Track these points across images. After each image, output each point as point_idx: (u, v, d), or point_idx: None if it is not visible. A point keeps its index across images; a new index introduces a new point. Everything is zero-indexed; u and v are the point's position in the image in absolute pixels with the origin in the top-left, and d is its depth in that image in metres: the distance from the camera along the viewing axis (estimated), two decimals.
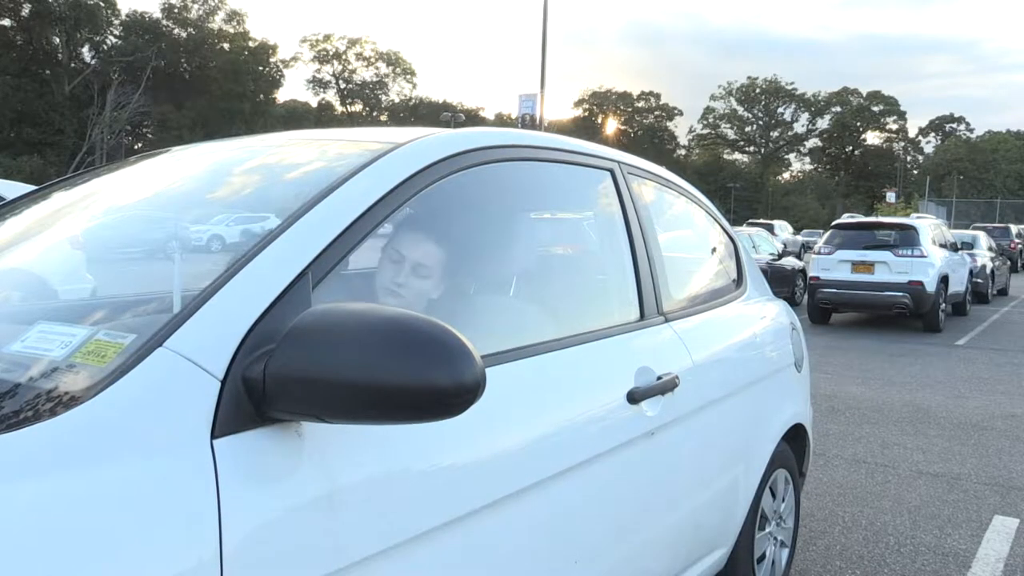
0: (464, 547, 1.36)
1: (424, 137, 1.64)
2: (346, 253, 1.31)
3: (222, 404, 1.05)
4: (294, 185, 1.66)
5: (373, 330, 1.03)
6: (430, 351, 1.02)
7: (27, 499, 0.87)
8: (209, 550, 0.97)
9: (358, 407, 1.03)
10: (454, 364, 1.02)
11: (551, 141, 2.06)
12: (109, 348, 1.10)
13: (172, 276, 1.39)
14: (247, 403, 1.07)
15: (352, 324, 1.04)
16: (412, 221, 1.74)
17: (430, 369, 1.01)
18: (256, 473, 1.06)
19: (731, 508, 2.40)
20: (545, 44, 22.26)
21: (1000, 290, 16.91)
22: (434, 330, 1.04)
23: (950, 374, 7.78)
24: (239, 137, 2.16)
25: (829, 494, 4.27)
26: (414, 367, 1.01)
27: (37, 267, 1.70)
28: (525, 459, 1.51)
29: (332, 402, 1.03)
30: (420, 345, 1.02)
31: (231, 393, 1.06)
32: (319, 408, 1.05)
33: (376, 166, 1.47)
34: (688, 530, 2.14)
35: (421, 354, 1.02)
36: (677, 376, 1.99)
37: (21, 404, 1.01)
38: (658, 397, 1.91)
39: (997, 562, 3.44)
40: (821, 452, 5.03)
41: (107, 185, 2.00)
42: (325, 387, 1.03)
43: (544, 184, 2.13)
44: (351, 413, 1.04)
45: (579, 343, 1.79)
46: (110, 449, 0.95)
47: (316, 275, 1.24)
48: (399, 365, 1.01)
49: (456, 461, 1.37)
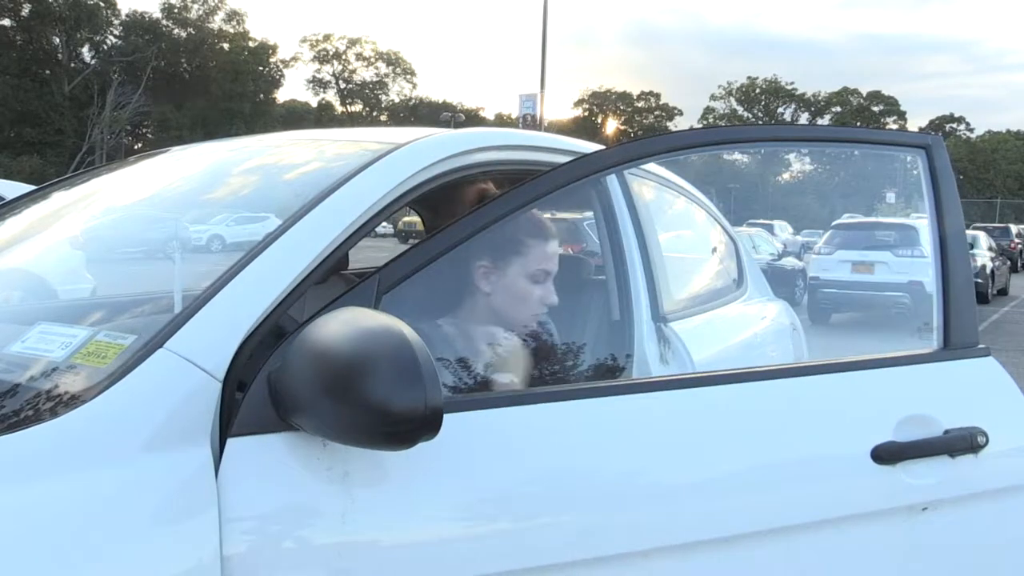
0: None
1: (425, 137, 1.63)
2: (346, 252, 1.30)
3: (222, 406, 1.04)
4: (294, 185, 1.66)
5: (347, 346, 0.96)
6: (389, 370, 0.93)
7: (28, 500, 0.87)
8: (209, 552, 0.97)
9: (326, 423, 0.99)
10: (415, 388, 0.93)
11: (552, 141, 2.05)
12: (109, 349, 1.10)
13: (172, 276, 1.38)
14: (259, 407, 1.05)
15: (331, 337, 0.99)
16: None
17: (387, 391, 0.93)
18: (255, 477, 1.04)
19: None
20: (545, 44, 22.30)
21: (1000, 290, 16.91)
22: (399, 347, 0.95)
23: None
24: (239, 137, 2.16)
25: None
26: (373, 387, 0.93)
27: (37, 267, 1.70)
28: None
29: (312, 415, 1.00)
30: (382, 363, 0.94)
31: (231, 395, 1.06)
32: (304, 420, 1.02)
33: (376, 166, 1.47)
34: None
35: (380, 373, 0.93)
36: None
37: (22, 405, 1.01)
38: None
39: None
40: None
41: (107, 185, 2.00)
42: (307, 399, 0.99)
43: None
44: (321, 428, 1.00)
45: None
46: (110, 450, 0.95)
47: (317, 276, 1.23)
48: (361, 384, 0.93)
49: (488, 495, 1.18)
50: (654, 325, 1.85)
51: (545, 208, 1.84)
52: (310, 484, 1.06)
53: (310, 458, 1.05)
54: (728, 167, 39.97)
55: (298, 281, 1.19)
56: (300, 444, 1.05)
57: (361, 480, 1.08)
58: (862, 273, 11.00)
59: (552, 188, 1.34)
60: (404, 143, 1.58)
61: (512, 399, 1.26)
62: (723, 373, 1.39)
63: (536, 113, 22.95)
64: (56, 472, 0.91)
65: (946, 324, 1.55)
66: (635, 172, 2.34)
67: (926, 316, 1.59)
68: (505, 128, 2.75)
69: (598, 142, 2.47)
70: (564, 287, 1.71)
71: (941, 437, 1.42)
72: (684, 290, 2.47)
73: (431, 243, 1.26)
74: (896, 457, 1.38)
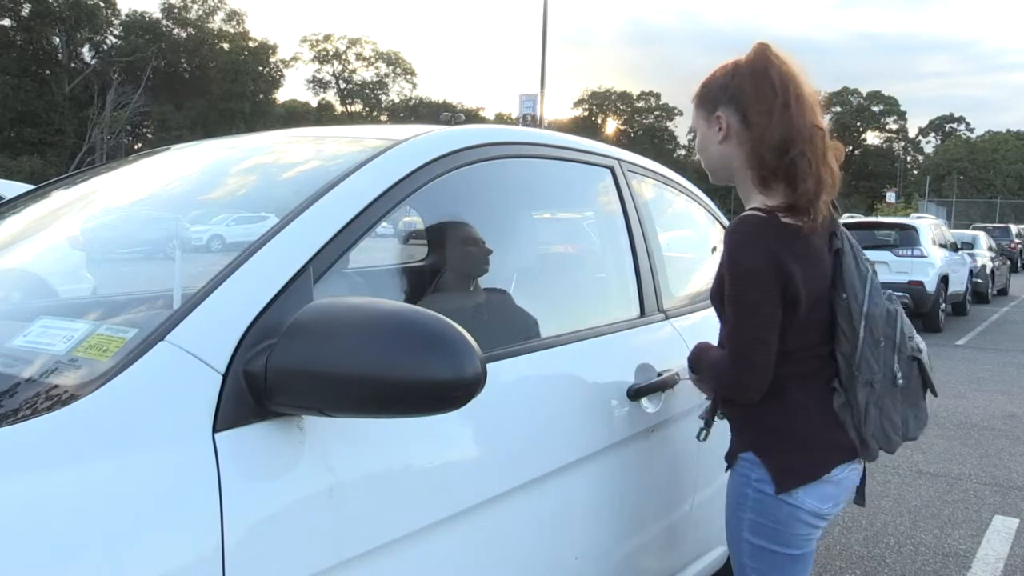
0: (464, 542, 1.36)
1: (424, 134, 1.64)
2: (347, 249, 1.31)
3: (224, 398, 1.05)
4: (295, 182, 1.66)
5: (374, 324, 1.03)
6: (430, 344, 1.02)
7: (30, 492, 0.88)
8: (211, 543, 0.98)
9: (359, 401, 1.03)
10: (454, 357, 1.02)
11: (551, 138, 2.06)
12: (111, 342, 1.10)
13: (173, 274, 1.39)
14: (249, 397, 1.07)
15: (353, 318, 1.04)
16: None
17: (430, 362, 1.01)
18: (257, 466, 1.06)
19: None
20: (545, 44, 22.28)
21: (1000, 290, 16.91)
22: (434, 323, 1.04)
23: (950, 374, 7.78)
24: (239, 135, 2.16)
25: None
26: (414, 360, 1.01)
27: (37, 267, 1.70)
28: (525, 455, 1.51)
29: (333, 396, 1.03)
30: (420, 338, 1.02)
31: (233, 387, 1.06)
32: (320, 402, 1.05)
33: (376, 162, 1.47)
34: (688, 528, 2.14)
35: (421, 347, 1.02)
36: (678, 373, 1.99)
37: (23, 398, 1.01)
38: (658, 394, 1.91)
39: (997, 562, 3.44)
40: None
41: (107, 184, 2.00)
42: (326, 381, 1.03)
43: (544, 181, 2.13)
44: (352, 407, 1.05)
45: (579, 340, 1.79)
46: (112, 443, 0.96)
47: (317, 270, 1.24)
48: (400, 359, 1.01)
49: (457, 457, 1.37)
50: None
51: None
52: (299, 466, 1.11)
53: (293, 442, 1.11)
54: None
55: (299, 276, 1.20)
56: (281, 430, 1.10)
57: (340, 455, 1.16)
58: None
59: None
60: (404, 140, 1.58)
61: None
62: (507, 347, 1.59)
63: (536, 113, 22.93)
64: (58, 464, 0.91)
65: (641, 298, 2.10)
66: (635, 170, 2.35)
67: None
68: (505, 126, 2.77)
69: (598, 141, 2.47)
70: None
71: (661, 379, 1.92)
72: (684, 287, 2.47)
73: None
74: (640, 394, 1.84)
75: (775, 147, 1.57)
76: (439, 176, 1.55)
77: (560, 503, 1.61)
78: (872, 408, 1.61)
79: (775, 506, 1.62)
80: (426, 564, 1.29)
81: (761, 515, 1.64)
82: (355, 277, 1.84)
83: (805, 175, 1.56)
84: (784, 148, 1.57)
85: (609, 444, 1.74)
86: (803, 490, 1.60)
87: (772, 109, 1.57)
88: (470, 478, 1.38)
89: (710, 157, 1.72)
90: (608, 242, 2.27)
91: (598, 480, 1.73)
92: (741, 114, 1.62)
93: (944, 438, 5.44)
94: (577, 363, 1.75)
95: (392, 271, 2.29)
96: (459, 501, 1.34)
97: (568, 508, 1.63)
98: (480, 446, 1.41)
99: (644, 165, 2.46)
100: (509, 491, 1.45)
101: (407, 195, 1.47)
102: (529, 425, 1.54)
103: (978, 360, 8.64)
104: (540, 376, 1.62)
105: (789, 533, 1.62)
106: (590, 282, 2.34)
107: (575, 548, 1.66)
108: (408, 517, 1.25)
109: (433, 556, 1.30)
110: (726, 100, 1.64)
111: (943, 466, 4.81)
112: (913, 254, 10.74)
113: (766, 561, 1.66)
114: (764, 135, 1.58)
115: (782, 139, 1.57)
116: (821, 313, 1.62)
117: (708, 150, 1.72)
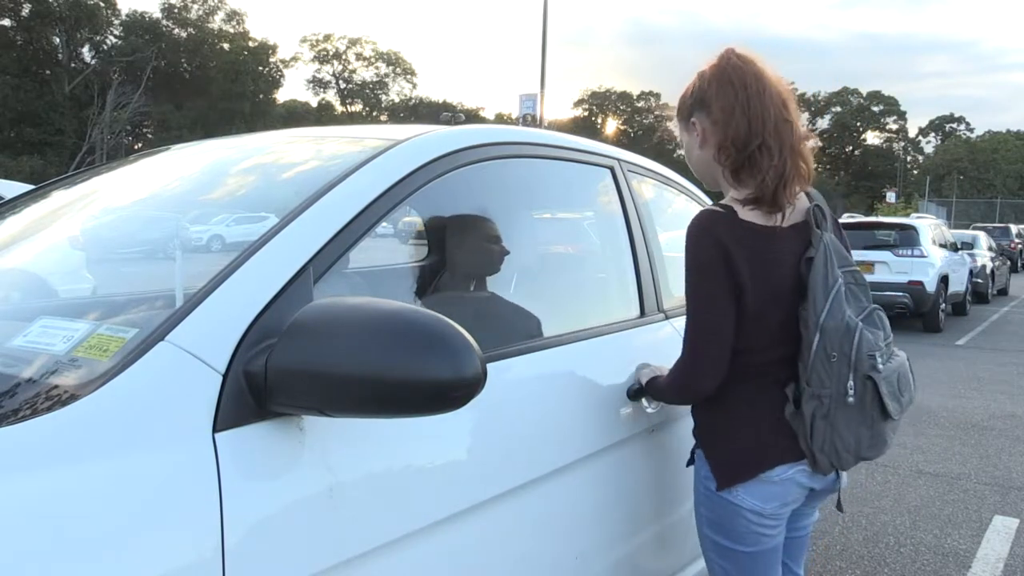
0: (464, 542, 1.36)
1: (424, 134, 1.64)
2: (347, 248, 1.31)
3: (224, 398, 1.05)
4: (295, 182, 1.66)
5: (374, 324, 1.03)
6: (430, 344, 1.02)
7: (29, 492, 0.88)
8: (211, 543, 0.98)
9: (359, 401, 1.03)
10: (455, 357, 1.02)
11: (551, 138, 2.06)
12: (111, 342, 1.10)
13: (173, 274, 1.39)
14: (249, 397, 1.07)
15: (353, 318, 1.04)
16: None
17: (430, 362, 1.01)
18: (257, 466, 1.06)
19: None
20: (545, 44, 22.28)
21: (1000, 290, 16.91)
22: (435, 323, 1.04)
23: (950, 374, 7.78)
24: (239, 135, 2.16)
25: None
26: (414, 360, 1.01)
27: (37, 267, 1.70)
28: (526, 455, 1.51)
29: (334, 396, 1.03)
30: (420, 338, 1.02)
31: (233, 387, 1.06)
32: (321, 402, 1.05)
33: (376, 162, 1.47)
34: (688, 527, 2.14)
35: (421, 347, 1.02)
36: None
37: (23, 398, 1.01)
38: None
39: (997, 562, 3.44)
40: None
41: (107, 184, 2.00)
42: (326, 381, 1.03)
43: (544, 181, 2.13)
44: (352, 407, 1.04)
45: (580, 340, 1.79)
46: (112, 442, 0.96)
47: (317, 270, 1.24)
48: (400, 358, 1.01)
49: (457, 456, 1.37)
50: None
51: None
52: (299, 466, 1.11)
53: (293, 442, 1.11)
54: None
55: (299, 276, 1.20)
56: (281, 430, 1.10)
57: (340, 455, 1.16)
58: (862, 272, 10.98)
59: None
60: (404, 140, 1.58)
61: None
62: (506, 347, 1.59)
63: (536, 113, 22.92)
64: (57, 464, 0.91)
65: (641, 298, 2.10)
66: (635, 170, 2.35)
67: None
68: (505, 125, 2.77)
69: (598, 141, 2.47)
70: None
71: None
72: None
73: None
74: (640, 394, 1.82)
75: (737, 141, 1.62)
76: (439, 176, 1.56)
77: (561, 503, 1.61)
78: (819, 421, 1.58)
79: (719, 503, 1.67)
80: (426, 564, 1.29)
81: (710, 511, 1.70)
82: (355, 277, 1.85)
83: (766, 166, 1.60)
84: (747, 141, 1.61)
85: (609, 444, 1.74)
86: (743, 488, 1.63)
87: (734, 106, 1.62)
88: (470, 478, 1.38)
89: (695, 164, 1.78)
90: (608, 242, 2.27)
91: (598, 480, 1.73)
92: (710, 117, 1.67)
93: (944, 438, 5.44)
94: (577, 363, 1.75)
95: (392, 271, 2.30)
96: (459, 501, 1.34)
97: (568, 508, 1.63)
98: (480, 446, 1.41)
99: (644, 165, 2.46)
100: (509, 491, 1.45)
101: (407, 195, 1.46)
102: (529, 425, 1.54)
103: (978, 360, 8.64)
104: (540, 376, 1.62)
105: (735, 530, 1.66)
106: (590, 282, 2.34)
107: (576, 548, 1.66)
108: (408, 517, 1.25)
109: (433, 556, 1.30)
110: (698, 107, 1.71)
111: (943, 466, 4.81)
112: (913, 254, 10.74)
113: (726, 556, 1.70)
114: (727, 131, 1.63)
115: (745, 133, 1.61)
116: (776, 316, 1.61)
117: (692, 157, 1.78)
